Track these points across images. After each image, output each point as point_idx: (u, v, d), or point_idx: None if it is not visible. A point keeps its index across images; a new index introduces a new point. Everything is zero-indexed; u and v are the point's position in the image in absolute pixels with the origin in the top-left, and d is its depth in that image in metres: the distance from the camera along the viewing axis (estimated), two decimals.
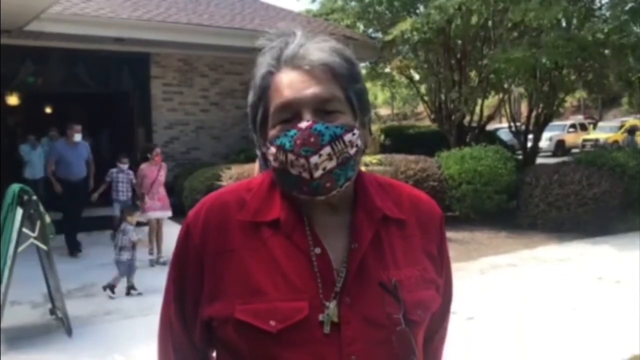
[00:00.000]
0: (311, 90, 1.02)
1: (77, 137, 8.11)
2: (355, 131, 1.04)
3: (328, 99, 1.03)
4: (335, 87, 1.04)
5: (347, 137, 1.02)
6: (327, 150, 1.00)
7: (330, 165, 1.01)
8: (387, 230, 1.09)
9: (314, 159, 0.99)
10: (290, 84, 1.04)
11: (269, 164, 1.08)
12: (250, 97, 1.11)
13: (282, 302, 1.00)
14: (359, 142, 1.04)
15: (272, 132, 1.05)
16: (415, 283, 1.07)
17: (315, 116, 1.02)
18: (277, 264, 1.03)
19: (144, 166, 7.66)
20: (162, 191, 7.70)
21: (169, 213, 7.77)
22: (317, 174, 1.00)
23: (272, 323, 0.99)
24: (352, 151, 1.03)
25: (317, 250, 1.03)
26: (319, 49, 1.05)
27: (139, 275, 6.43)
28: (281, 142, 1.02)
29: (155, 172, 7.60)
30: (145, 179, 7.58)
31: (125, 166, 8.41)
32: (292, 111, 1.03)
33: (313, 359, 0.99)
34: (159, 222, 7.67)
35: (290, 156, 1.01)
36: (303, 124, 1.01)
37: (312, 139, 0.99)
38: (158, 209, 7.60)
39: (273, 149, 1.04)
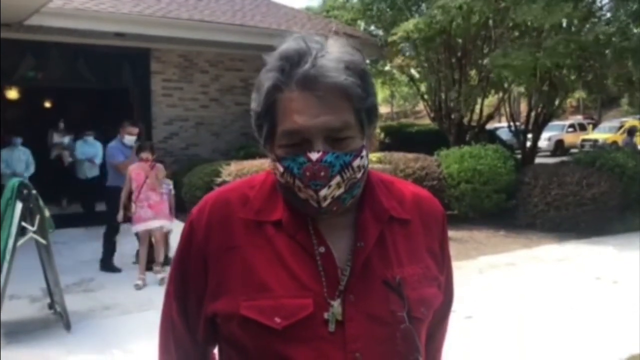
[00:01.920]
0: (322, 119, 0.98)
1: (129, 140, 7.00)
2: (363, 153, 1.03)
3: (340, 128, 1.00)
4: (347, 111, 1.00)
5: (356, 162, 1.01)
6: (336, 180, 1.00)
7: (338, 192, 1.01)
8: (390, 228, 1.09)
9: (323, 192, 0.99)
10: (301, 109, 0.99)
11: (275, 174, 1.07)
12: (255, 105, 1.06)
13: (287, 298, 1.01)
14: (365, 162, 1.04)
15: (279, 151, 1.03)
16: (418, 280, 1.08)
17: (326, 143, 0.99)
18: (282, 261, 1.03)
19: (132, 166, 6.48)
20: (154, 196, 6.37)
21: (164, 222, 6.46)
22: (325, 203, 1.01)
23: (277, 320, 0.99)
24: (360, 174, 1.03)
25: (322, 249, 1.04)
26: (333, 69, 0.98)
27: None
28: (289, 165, 1.01)
29: (143, 174, 6.35)
30: (133, 182, 6.37)
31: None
32: (301, 138, 1.00)
33: (317, 355, 0.99)
34: (156, 233, 6.44)
35: (298, 183, 1.00)
36: (313, 155, 0.98)
37: (322, 173, 0.98)
38: (150, 218, 6.32)
39: (280, 168, 1.03)
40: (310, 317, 1.00)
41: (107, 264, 6.93)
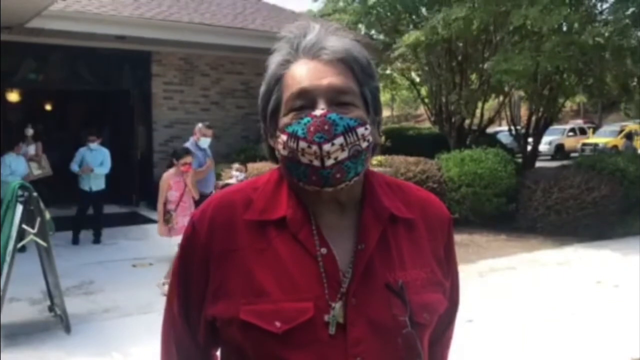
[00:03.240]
0: (328, 80, 1.02)
1: (205, 142, 6.65)
2: (368, 126, 1.03)
3: (344, 91, 1.02)
4: (351, 80, 1.04)
5: (360, 130, 1.01)
6: (339, 140, 0.99)
7: (342, 155, 0.99)
8: (394, 231, 1.08)
9: (327, 147, 0.98)
10: (307, 73, 1.03)
11: (278, 154, 1.07)
12: (263, 87, 1.10)
13: (287, 302, 1.00)
14: (370, 138, 1.03)
15: (284, 120, 1.04)
16: (421, 285, 1.07)
17: (330, 107, 1.01)
18: (283, 264, 1.02)
19: (169, 174, 6.25)
20: (193, 205, 6.16)
21: None
22: (329, 162, 0.99)
23: (277, 324, 0.98)
24: (364, 145, 1.02)
25: (324, 251, 1.03)
26: (338, 39, 1.06)
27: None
28: (294, 129, 1.01)
29: (182, 182, 6.18)
30: (171, 191, 6.15)
31: (242, 175, 6.93)
32: (306, 99, 1.02)
33: (318, 359, 0.99)
34: None
35: (302, 143, 0.99)
36: (317, 112, 1.00)
37: (325, 127, 0.98)
38: None
39: (284, 137, 1.02)
40: (310, 321, 0.99)
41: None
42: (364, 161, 1.04)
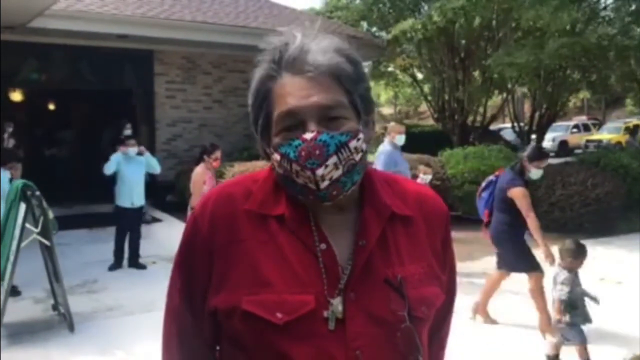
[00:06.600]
0: (314, 98, 1.00)
1: (401, 139, 6.30)
2: (360, 136, 1.03)
3: (332, 107, 1.01)
4: (339, 92, 1.02)
5: (353, 143, 1.01)
6: (333, 160, 0.99)
7: (336, 174, 1.00)
8: (392, 226, 1.09)
9: (320, 171, 0.99)
10: (293, 91, 1.01)
11: (274, 168, 1.07)
12: (251, 99, 1.09)
13: (289, 294, 1.00)
14: (363, 147, 1.03)
15: (275, 140, 1.03)
16: (419, 280, 1.07)
17: (320, 124, 1.00)
18: (285, 257, 1.03)
19: (202, 169, 6.31)
20: None
21: None
22: (324, 184, 1.00)
23: (279, 315, 0.99)
24: (358, 157, 1.02)
25: (323, 246, 1.03)
26: (322, 51, 1.02)
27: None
28: (285, 151, 1.01)
29: (214, 178, 6.25)
30: (204, 186, 6.18)
31: (429, 177, 6.96)
32: (295, 119, 1.01)
33: (318, 352, 0.99)
34: None
35: (295, 166, 1.00)
36: (308, 135, 0.99)
37: (317, 151, 0.98)
38: None
39: (277, 156, 1.03)
40: (311, 314, 0.99)
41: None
42: (360, 170, 1.04)
